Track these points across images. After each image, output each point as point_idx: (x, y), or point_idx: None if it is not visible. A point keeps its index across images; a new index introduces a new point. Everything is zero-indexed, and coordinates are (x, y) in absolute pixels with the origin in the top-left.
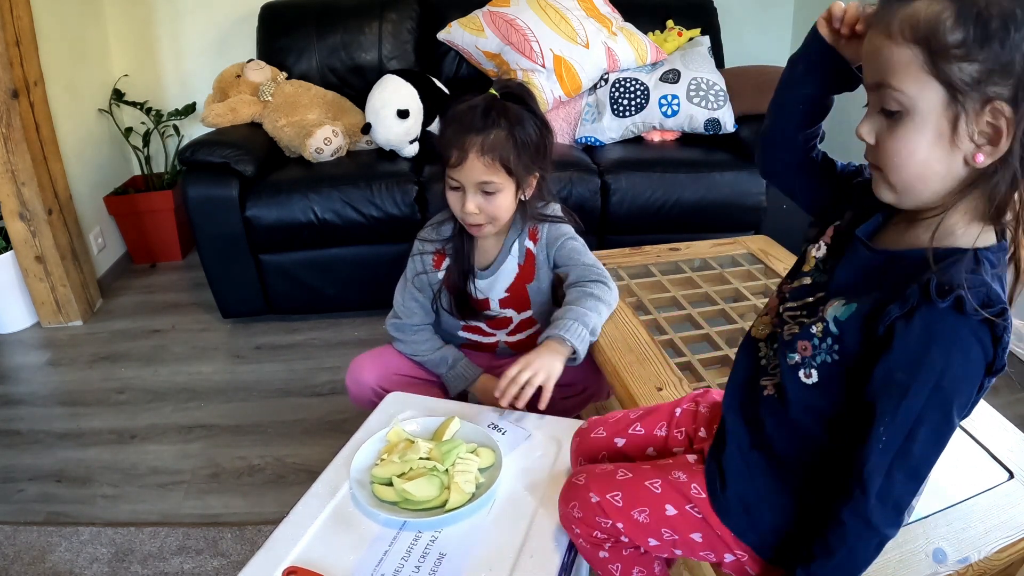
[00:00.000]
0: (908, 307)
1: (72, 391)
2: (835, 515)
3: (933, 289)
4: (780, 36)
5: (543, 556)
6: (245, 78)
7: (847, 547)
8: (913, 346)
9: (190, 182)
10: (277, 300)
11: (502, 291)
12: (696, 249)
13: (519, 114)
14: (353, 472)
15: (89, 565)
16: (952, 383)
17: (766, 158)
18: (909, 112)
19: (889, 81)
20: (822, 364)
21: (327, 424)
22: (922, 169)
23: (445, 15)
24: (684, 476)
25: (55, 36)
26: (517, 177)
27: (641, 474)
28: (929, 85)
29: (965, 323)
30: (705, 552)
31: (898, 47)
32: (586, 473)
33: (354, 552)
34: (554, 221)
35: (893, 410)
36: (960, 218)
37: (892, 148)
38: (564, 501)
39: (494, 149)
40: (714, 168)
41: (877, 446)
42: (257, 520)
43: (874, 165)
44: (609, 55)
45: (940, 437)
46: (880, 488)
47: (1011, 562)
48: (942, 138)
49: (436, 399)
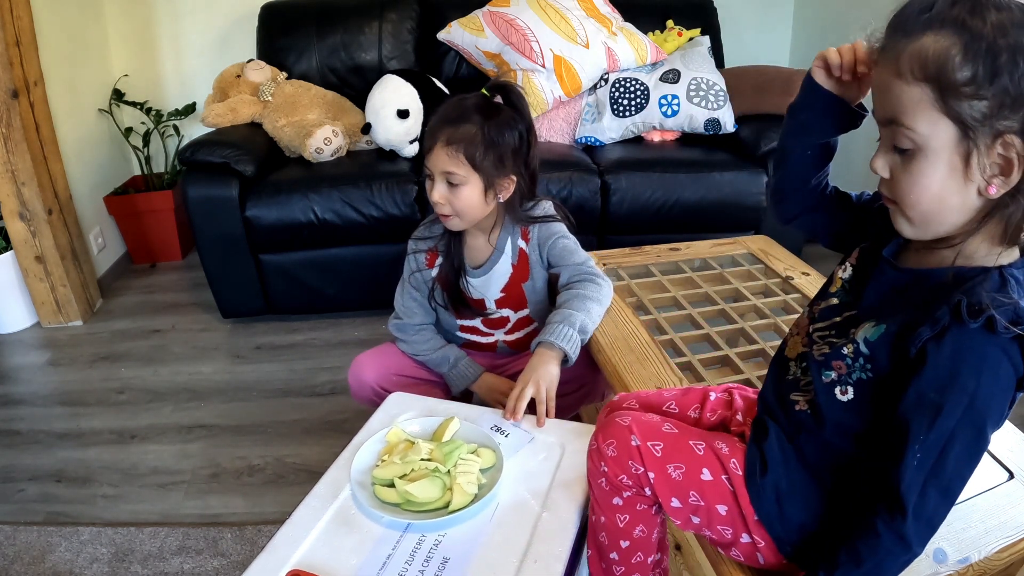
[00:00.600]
0: (939, 328)
1: (72, 391)
2: (870, 527)
3: (964, 310)
4: (780, 36)
5: (546, 562)
6: (245, 78)
7: (877, 560)
8: (945, 367)
9: (190, 182)
10: (277, 300)
11: (497, 291)
12: (696, 249)
13: (499, 114)
14: (354, 473)
15: (89, 565)
16: (984, 401)
17: (782, 209)
18: (922, 149)
19: (901, 119)
20: (858, 381)
21: (327, 424)
22: (937, 203)
23: (445, 15)
24: (727, 448)
25: (55, 36)
26: (484, 174)
27: (687, 432)
28: (940, 123)
29: (995, 342)
30: (723, 527)
31: (908, 86)
32: (632, 416)
33: (357, 555)
34: (543, 222)
35: (927, 430)
36: (980, 243)
37: (907, 184)
38: (602, 436)
39: (460, 141)
40: (714, 168)
41: (912, 464)
42: (257, 520)
43: (889, 199)
44: (609, 55)
45: (973, 454)
46: (915, 505)
47: (1011, 562)
48: (955, 172)
49: (437, 400)
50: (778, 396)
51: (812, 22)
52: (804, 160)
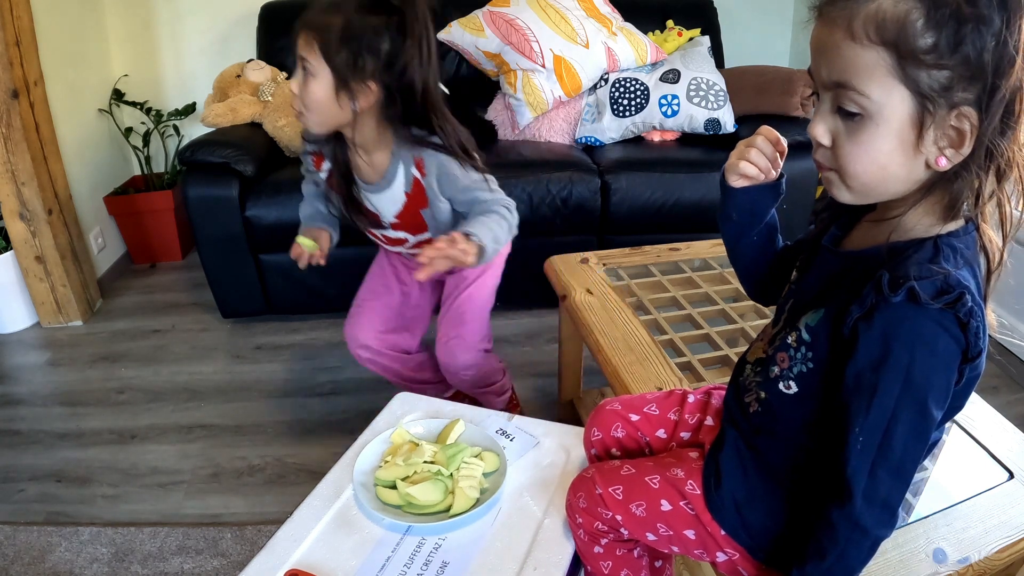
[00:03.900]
0: (867, 306)
1: (72, 391)
2: (825, 517)
3: (885, 284)
4: (780, 36)
5: (546, 569)
6: (245, 78)
7: (839, 549)
8: (876, 344)
9: (190, 182)
10: (277, 300)
11: (392, 215)
12: (696, 249)
13: (381, 15)
14: (356, 474)
15: (89, 565)
16: (922, 377)
17: (756, 293)
18: (871, 116)
19: (852, 83)
20: (799, 374)
21: (327, 424)
22: (882, 173)
23: (445, 15)
24: (682, 473)
25: (55, 36)
26: (336, 70)
27: (642, 469)
28: (896, 91)
29: (924, 314)
30: (699, 550)
31: (862, 48)
32: (595, 468)
33: (356, 557)
34: (431, 148)
35: (866, 410)
36: (922, 217)
37: (851, 152)
38: (572, 491)
39: (319, 29)
40: (714, 168)
41: (856, 447)
42: (257, 520)
43: (828, 167)
44: (609, 55)
45: (919, 432)
46: (865, 489)
47: (1011, 562)
48: (905, 143)
49: (443, 401)
50: (736, 400)
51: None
52: (753, 252)
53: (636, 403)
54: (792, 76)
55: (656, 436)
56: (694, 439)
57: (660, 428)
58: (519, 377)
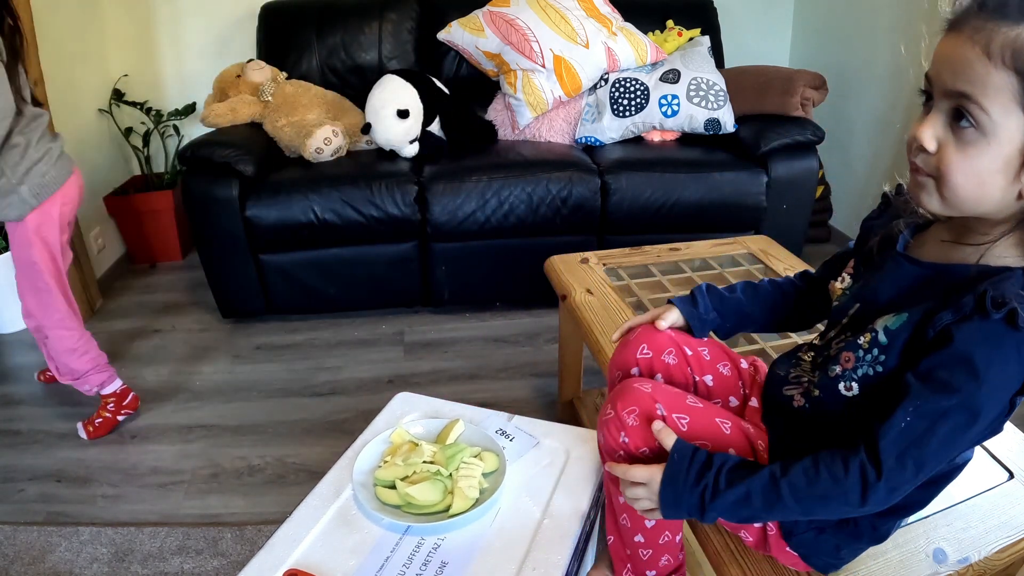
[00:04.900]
0: (962, 315)
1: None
2: (842, 464)
3: (988, 301)
4: (780, 36)
5: (545, 569)
6: (245, 78)
7: (823, 491)
8: (960, 350)
9: (190, 182)
10: (277, 300)
11: None
12: (696, 249)
13: None
14: (356, 474)
15: (89, 565)
16: (989, 391)
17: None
18: (986, 133)
19: (976, 97)
20: (863, 376)
21: (327, 424)
22: (979, 190)
23: (445, 15)
24: (752, 429)
25: (55, 36)
26: None
27: (712, 409)
28: (1015, 116)
29: (1012, 336)
30: None
31: (996, 69)
32: (654, 386)
33: (355, 556)
34: None
35: (926, 397)
36: (1008, 247)
37: (957, 163)
38: (620, 403)
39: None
40: (714, 168)
41: (900, 423)
42: (257, 520)
43: (926, 172)
44: (609, 55)
45: (959, 439)
46: (891, 469)
47: (1011, 562)
48: (1010, 168)
49: (443, 401)
50: (776, 393)
51: (812, 22)
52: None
53: (691, 341)
54: (792, 76)
55: (703, 381)
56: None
57: (709, 374)
58: (519, 377)
